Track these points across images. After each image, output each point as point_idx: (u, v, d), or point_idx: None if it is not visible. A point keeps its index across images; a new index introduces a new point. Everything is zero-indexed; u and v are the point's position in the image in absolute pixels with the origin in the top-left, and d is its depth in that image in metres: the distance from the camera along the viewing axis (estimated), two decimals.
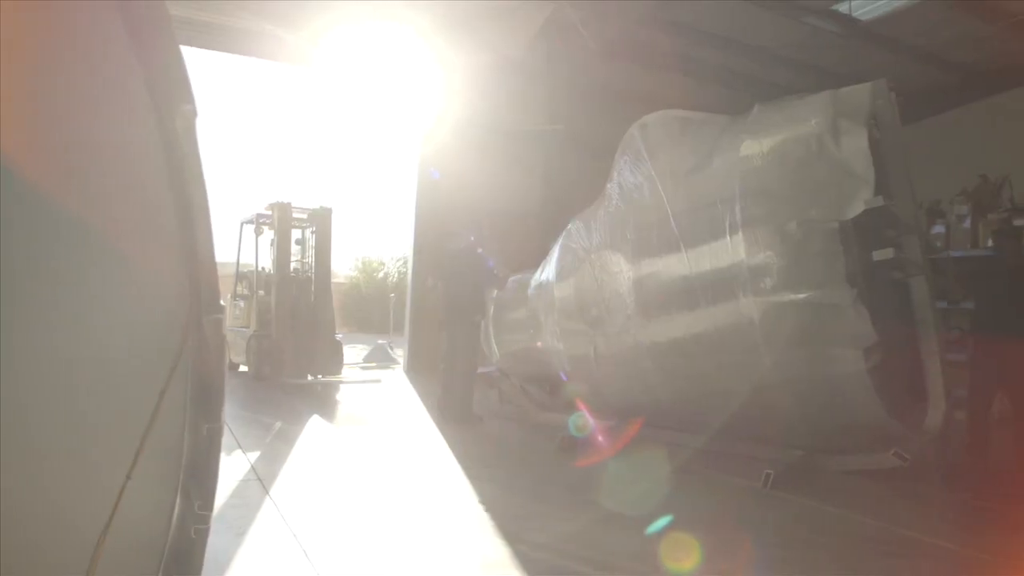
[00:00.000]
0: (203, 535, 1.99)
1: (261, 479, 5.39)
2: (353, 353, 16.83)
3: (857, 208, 5.44)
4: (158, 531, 1.95)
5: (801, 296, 5.48)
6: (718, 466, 6.21)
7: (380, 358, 15.34)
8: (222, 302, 2.13)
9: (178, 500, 1.98)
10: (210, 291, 2.01)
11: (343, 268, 29.69)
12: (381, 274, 29.30)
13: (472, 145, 12.03)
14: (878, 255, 5.68)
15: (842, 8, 11.10)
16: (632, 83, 12.92)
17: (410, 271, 13.87)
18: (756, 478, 5.64)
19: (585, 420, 6.66)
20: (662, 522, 4.78)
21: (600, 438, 6.79)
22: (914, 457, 5.63)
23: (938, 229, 10.43)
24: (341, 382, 11.39)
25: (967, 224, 10.18)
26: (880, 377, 5.52)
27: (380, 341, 16.93)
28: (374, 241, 59.63)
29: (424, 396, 10.09)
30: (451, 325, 8.34)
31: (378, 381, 11.89)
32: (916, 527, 4.78)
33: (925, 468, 5.77)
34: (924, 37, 11.86)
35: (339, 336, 12.02)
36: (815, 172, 5.64)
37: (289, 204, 11.49)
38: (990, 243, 9.69)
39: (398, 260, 28.17)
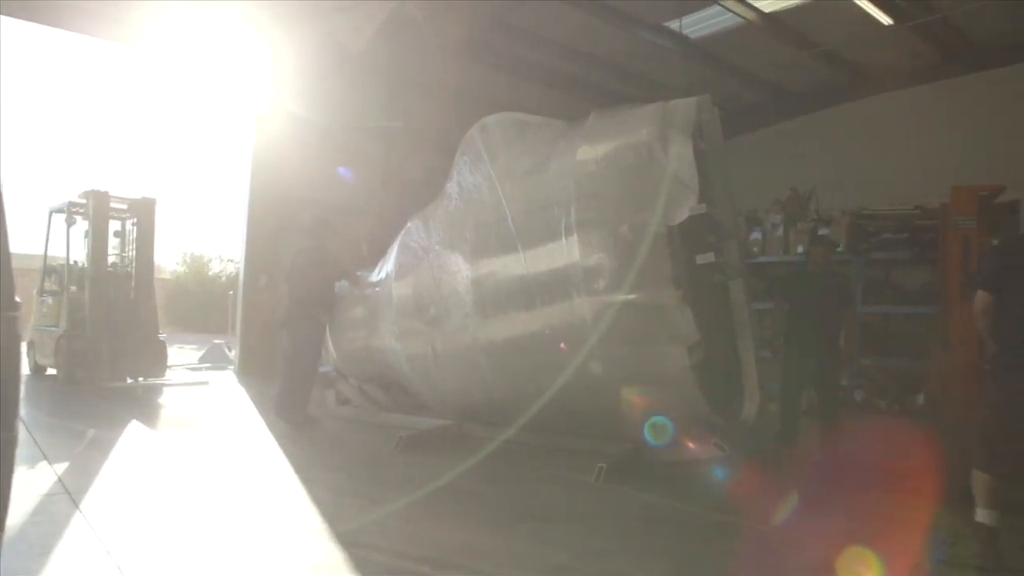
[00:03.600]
0: None
1: (70, 492, 4.94)
2: (182, 354, 15.89)
3: (683, 214, 5.75)
4: None
5: (631, 296, 5.74)
6: (554, 461, 6.38)
7: (217, 358, 14.55)
8: (17, 299, 1.92)
9: None
10: (3, 286, 1.81)
11: (169, 263, 28.11)
12: (214, 270, 27.86)
13: (310, 137, 11.68)
14: (701, 259, 6.03)
15: (673, 25, 11.72)
16: (474, 84, 13.04)
17: (242, 268, 13.24)
18: (590, 472, 5.83)
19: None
20: (500, 518, 4.85)
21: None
22: (732, 447, 6.05)
23: (755, 236, 11.27)
24: (165, 385, 10.70)
25: (780, 232, 11.05)
26: (703, 373, 5.88)
27: (216, 341, 16.03)
28: (204, 235, 56.75)
29: (257, 398, 9.68)
30: (294, 324, 8.02)
31: (206, 383, 11.28)
32: (731, 511, 5.12)
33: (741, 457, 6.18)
34: (745, 58, 12.78)
35: (163, 336, 11.28)
36: (645, 178, 5.92)
37: (107, 192, 10.64)
38: (800, 249, 10.59)
39: (229, 257, 26.94)
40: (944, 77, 12.35)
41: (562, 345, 6.18)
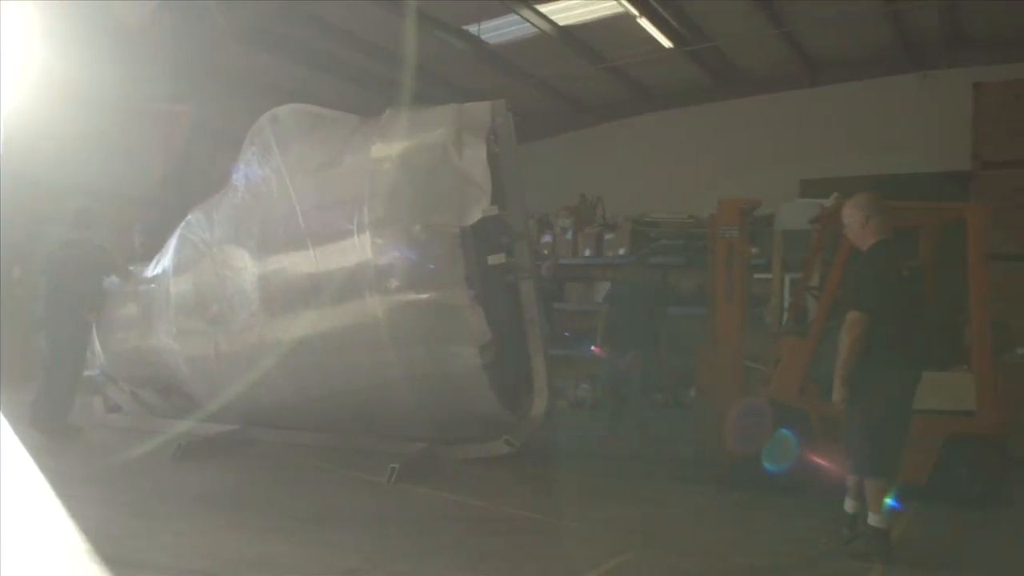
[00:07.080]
0: None
1: None
2: None
3: (476, 215, 5.88)
4: None
5: (423, 296, 5.78)
6: (345, 463, 6.25)
7: None
8: None
9: None
10: None
11: None
12: None
13: (77, 116, 10.54)
14: (492, 259, 6.18)
15: (472, 30, 11.90)
16: (265, 72, 12.49)
17: None
18: (382, 472, 5.76)
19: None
20: (289, 524, 4.66)
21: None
22: (522, 443, 6.24)
23: (546, 238, 11.74)
24: None
25: (569, 236, 11.60)
26: (495, 372, 6.01)
27: None
28: None
29: (8, 406, 8.63)
30: (54, 323, 7.22)
31: None
32: (521, 505, 5.30)
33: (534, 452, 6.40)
34: (539, 68, 13.25)
35: None
36: (439, 179, 5.99)
37: None
38: (587, 252, 11.20)
39: None
40: (716, 99, 13.60)
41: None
